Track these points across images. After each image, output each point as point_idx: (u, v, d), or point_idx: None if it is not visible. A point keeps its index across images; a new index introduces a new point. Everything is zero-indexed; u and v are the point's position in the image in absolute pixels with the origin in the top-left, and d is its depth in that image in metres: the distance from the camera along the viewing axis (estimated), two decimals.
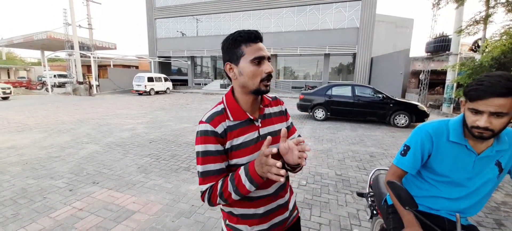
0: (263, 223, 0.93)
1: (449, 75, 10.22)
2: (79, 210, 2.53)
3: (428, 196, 1.13)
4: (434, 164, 1.07)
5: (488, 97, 0.83)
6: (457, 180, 1.04)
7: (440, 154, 1.04)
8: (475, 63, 6.64)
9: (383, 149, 4.97)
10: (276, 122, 0.96)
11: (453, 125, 1.03)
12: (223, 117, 0.85)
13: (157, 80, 17.85)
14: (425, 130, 1.06)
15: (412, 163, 1.08)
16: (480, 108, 0.86)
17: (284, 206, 0.97)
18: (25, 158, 4.03)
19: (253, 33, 0.82)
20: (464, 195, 1.05)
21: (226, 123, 0.84)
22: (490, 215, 2.61)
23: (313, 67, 21.39)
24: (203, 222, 2.35)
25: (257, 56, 0.81)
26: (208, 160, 0.82)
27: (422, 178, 1.15)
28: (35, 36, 21.53)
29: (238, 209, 0.91)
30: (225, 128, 0.83)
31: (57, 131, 5.98)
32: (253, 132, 0.87)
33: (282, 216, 0.97)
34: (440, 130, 1.04)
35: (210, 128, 0.82)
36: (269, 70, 0.82)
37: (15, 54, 42.92)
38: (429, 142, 1.04)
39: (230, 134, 0.84)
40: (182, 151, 4.55)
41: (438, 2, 7.39)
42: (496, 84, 0.82)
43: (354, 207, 2.71)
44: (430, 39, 11.87)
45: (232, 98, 0.88)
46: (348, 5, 18.04)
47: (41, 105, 10.90)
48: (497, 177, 1.01)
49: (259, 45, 0.83)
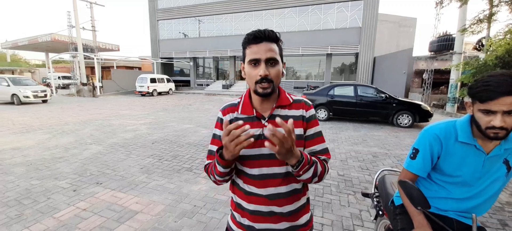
0: (253, 222, 0.90)
1: (453, 74, 10.13)
2: (82, 210, 2.55)
3: (436, 197, 1.12)
4: (443, 165, 1.06)
5: (499, 97, 0.83)
6: (467, 180, 1.03)
7: (449, 155, 1.04)
8: (479, 62, 6.56)
9: (386, 149, 4.94)
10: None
11: (461, 125, 1.02)
12: (234, 108, 0.93)
13: (159, 81, 17.95)
14: (433, 132, 1.05)
15: (422, 165, 1.08)
16: (493, 108, 0.86)
17: (281, 216, 0.90)
18: (29, 159, 4.07)
19: (252, 34, 0.82)
20: (472, 195, 1.05)
21: (234, 114, 0.92)
22: (495, 215, 2.58)
23: (315, 67, 21.34)
24: (205, 222, 2.36)
25: (252, 58, 0.81)
26: (214, 142, 0.94)
27: (431, 180, 1.14)
28: (39, 38, 21.78)
29: (236, 197, 0.95)
30: (231, 118, 0.91)
31: (61, 132, 6.03)
32: (257, 128, 0.87)
33: (275, 225, 0.90)
34: (448, 131, 1.03)
35: (220, 115, 0.94)
36: (260, 73, 0.80)
37: (20, 56, 43.42)
38: (438, 144, 1.04)
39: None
40: (185, 152, 4.57)
41: (441, 1, 7.33)
42: (504, 83, 0.83)
43: (357, 208, 2.69)
44: (434, 38, 11.78)
45: (247, 94, 0.94)
46: (350, 5, 17.97)
47: (45, 106, 11.01)
48: (505, 175, 1.01)
49: (259, 46, 0.81)
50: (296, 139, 0.80)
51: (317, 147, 0.91)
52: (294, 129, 0.70)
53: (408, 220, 1.14)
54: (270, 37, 0.83)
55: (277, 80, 0.85)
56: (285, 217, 0.90)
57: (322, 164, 0.87)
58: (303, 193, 0.95)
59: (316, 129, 0.92)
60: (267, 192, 0.87)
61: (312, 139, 0.91)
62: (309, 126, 0.91)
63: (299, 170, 0.77)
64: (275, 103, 0.90)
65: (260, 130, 0.87)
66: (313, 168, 0.81)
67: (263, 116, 0.89)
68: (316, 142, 0.91)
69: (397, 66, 14.72)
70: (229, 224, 1.02)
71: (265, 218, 0.89)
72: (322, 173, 0.86)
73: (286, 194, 0.89)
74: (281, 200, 0.89)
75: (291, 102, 0.92)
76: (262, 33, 0.82)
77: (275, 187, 0.87)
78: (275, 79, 0.84)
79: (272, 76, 0.83)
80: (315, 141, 0.91)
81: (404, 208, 1.21)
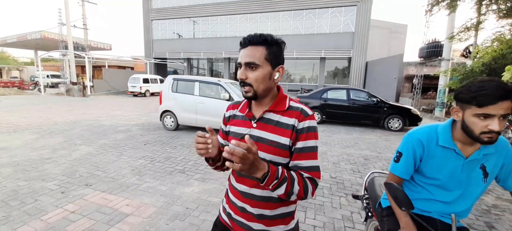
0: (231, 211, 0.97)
1: (442, 80, 10.41)
2: (71, 212, 2.49)
3: (420, 198, 1.16)
4: (425, 168, 1.10)
5: (498, 101, 0.86)
6: (445, 183, 1.07)
7: (430, 158, 1.08)
8: (466, 69, 6.79)
9: (377, 152, 5.02)
10: (271, 130, 0.86)
11: (442, 130, 1.06)
12: (236, 106, 1.01)
13: (152, 82, 17.73)
14: (415, 136, 1.09)
15: (405, 168, 1.12)
16: (491, 112, 0.87)
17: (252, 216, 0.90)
18: (16, 159, 3.95)
19: (242, 39, 0.86)
20: (454, 198, 1.08)
21: (234, 111, 1.00)
22: (481, 217, 2.66)
23: (309, 70, 21.55)
24: (197, 225, 2.34)
25: (237, 62, 0.87)
26: (219, 133, 1.06)
27: (414, 182, 1.18)
28: (29, 36, 21.23)
29: (227, 182, 1.05)
30: (230, 115, 1.01)
31: (49, 132, 5.88)
32: (246, 128, 0.92)
33: (248, 222, 0.91)
34: (430, 135, 1.07)
35: (225, 111, 1.05)
36: (239, 76, 0.86)
37: (8, 54, 42.18)
38: (420, 148, 1.07)
39: (232, 121, 0.99)
40: (177, 153, 4.52)
41: (431, 8, 7.55)
42: (499, 87, 0.86)
43: (348, 210, 2.73)
44: (423, 44, 12.10)
45: None
46: (343, 10, 18.27)
47: (33, 106, 10.71)
48: (482, 181, 1.05)
49: (244, 50, 0.85)
50: (279, 148, 0.84)
51: (303, 163, 0.82)
52: (253, 143, 0.67)
53: (395, 222, 1.17)
54: (255, 42, 0.83)
55: (257, 84, 0.84)
56: (257, 218, 0.89)
57: (302, 183, 0.80)
58: (283, 204, 0.90)
59: (307, 144, 0.83)
60: (241, 188, 0.92)
61: (299, 152, 0.83)
62: (300, 139, 0.83)
63: (265, 184, 0.74)
64: (268, 107, 0.90)
65: (247, 129, 0.91)
66: (285, 184, 0.76)
67: (254, 116, 0.92)
68: (303, 157, 0.83)
69: (388, 71, 15.02)
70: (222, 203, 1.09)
71: (239, 212, 0.94)
72: (301, 193, 0.79)
73: (259, 198, 0.88)
74: (253, 201, 0.89)
75: (285, 108, 0.87)
76: (247, 38, 0.84)
77: (249, 187, 0.90)
78: (253, 83, 0.84)
79: (250, 80, 0.84)
80: (302, 156, 0.83)
81: (390, 209, 1.25)
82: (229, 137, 0.98)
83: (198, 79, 6.27)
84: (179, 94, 6.29)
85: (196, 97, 6.06)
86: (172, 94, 6.36)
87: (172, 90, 6.37)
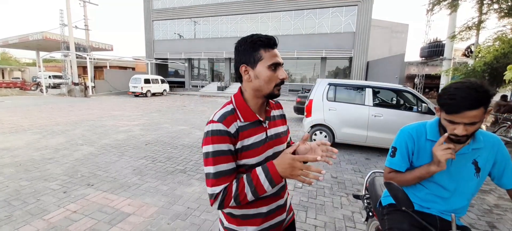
0: (264, 223, 0.92)
1: (443, 79, 10.39)
2: (73, 212, 2.50)
3: (418, 195, 1.19)
4: (416, 162, 1.15)
5: (462, 111, 0.91)
6: (438, 176, 1.10)
7: (420, 151, 1.14)
8: (468, 68, 6.77)
9: (379, 152, 5.01)
10: (279, 124, 0.99)
11: (430, 125, 1.14)
12: (234, 117, 0.84)
13: (153, 82, 17.79)
14: (407, 131, 1.18)
15: (400, 161, 1.17)
16: (456, 120, 0.94)
17: (283, 207, 0.98)
18: (18, 160, 3.98)
19: (272, 39, 0.84)
20: (450, 194, 1.11)
21: (237, 123, 0.84)
22: (483, 217, 2.65)
23: (310, 70, 21.54)
24: (198, 225, 2.35)
25: (274, 62, 0.83)
26: (221, 160, 0.80)
27: None
28: (30, 37, 21.32)
29: (239, 210, 0.90)
30: (237, 128, 0.83)
31: (51, 133, 5.91)
32: (261, 133, 0.88)
33: (280, 217, 0.97)
34: (420, 130, 1.15)
35: (223, 127, 0.80)
36: (284, 76, 0.86)
37: (10, 55, 42.40)
38: (412, 142, 1.15)
39: (242, 134, 0.83)
40: (178, 153, 4.54)
41: (432, 8, 7.54)
42: (468, 97, 0.89)
43: (349, 209, 2.72)
44: (425, 44, 12.07)
45: (242, 99, 0.88)
46: (344, 10, 18.26)
47: (35, 106, 10.77)
48: (474, 175, 1.08)
49: (275, 51, 0.85)
50: (282, 135, 0.99)
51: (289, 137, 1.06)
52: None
53: (395, 220, 1.19)
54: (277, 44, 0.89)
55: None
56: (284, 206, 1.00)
57: None
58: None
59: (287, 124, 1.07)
60: (276, 188, 0.94)
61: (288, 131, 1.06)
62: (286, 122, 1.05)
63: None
64: (267, 106, 0.95)
65: (264, 133, 0.89)
66: None
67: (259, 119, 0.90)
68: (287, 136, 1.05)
69: (389, 71, 14.99)
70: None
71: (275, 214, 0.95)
72: None
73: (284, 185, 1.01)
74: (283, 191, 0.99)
75: (274, 104, 1.02)
76: (276, 40, 0.86)
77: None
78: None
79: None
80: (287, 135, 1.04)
81: (391, 208, 1.27)
82: (244, 153, 0.84)
83: (371, 85, 4.86)
84: (338, 104, 4.94)
85: (370, 108, 4.73)
86: (328, 104, 4.97)
87: (327, 99, 5.02)
